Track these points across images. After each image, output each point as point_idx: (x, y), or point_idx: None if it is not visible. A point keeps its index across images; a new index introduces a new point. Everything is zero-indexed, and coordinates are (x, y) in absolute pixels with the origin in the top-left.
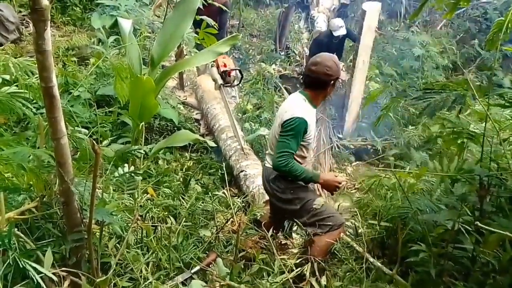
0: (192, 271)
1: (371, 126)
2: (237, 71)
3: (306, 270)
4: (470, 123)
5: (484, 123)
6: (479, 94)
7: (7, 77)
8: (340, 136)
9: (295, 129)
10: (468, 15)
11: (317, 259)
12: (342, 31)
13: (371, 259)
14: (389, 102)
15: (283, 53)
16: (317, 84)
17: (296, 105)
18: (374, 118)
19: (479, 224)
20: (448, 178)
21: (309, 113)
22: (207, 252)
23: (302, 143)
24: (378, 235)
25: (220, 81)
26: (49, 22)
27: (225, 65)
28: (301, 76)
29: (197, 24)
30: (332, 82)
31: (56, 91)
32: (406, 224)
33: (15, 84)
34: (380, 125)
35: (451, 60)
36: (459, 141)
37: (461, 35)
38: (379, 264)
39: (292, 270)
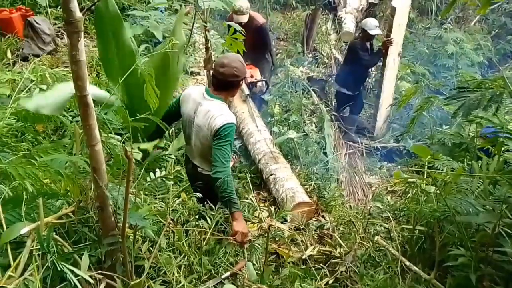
0: (223, 276)
1: (403, 127)
2: (264, 82)
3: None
4: (509, 121)
5: None
6: None
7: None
8: (372, 136)
9: (230, 135)
10: (503, 10)
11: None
12: (378, 31)
13: (407, 263)
14: (422, 102)
15: (310, 55)
16: (227, 86)
17: (223, 111)
18: (406, 118)
19: None
20: (487, 179)
21: (233, 115)
22: (239, 257)
23: None
24: (414, 239)
25: (246, 91)
26: (82, 33)
27: (252, 76)
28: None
29: None
30: (240, 82)
31: (90, 100)
32: (442, 227)
33: None
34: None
35: (487, 56)
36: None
37: (496, 30)
38: (416, 268)
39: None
